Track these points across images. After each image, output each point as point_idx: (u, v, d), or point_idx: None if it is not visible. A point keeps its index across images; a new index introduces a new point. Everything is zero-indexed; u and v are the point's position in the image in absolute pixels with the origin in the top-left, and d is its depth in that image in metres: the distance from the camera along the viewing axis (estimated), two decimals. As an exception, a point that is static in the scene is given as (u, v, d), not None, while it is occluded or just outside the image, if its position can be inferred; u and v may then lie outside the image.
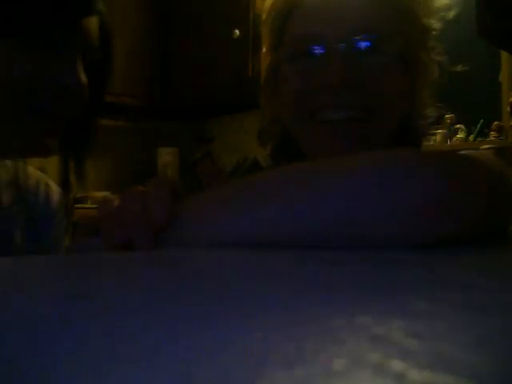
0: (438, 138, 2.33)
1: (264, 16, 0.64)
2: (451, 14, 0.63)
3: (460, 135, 2.35)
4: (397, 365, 0.10)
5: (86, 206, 2.08)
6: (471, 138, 2.32)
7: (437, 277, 0.23)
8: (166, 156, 2.71)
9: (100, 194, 2.11)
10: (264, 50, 0.65)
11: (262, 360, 0.11)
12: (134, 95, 2.50)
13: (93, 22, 0.54)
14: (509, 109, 2.21)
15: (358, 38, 0.55)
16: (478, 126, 2.30)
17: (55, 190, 0.66)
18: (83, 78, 0.53)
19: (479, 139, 2.27)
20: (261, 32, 0.66)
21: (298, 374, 0.10)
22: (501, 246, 0.37)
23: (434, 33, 0.62)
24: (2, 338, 0.13)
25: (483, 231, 0.36)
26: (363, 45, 0.56)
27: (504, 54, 2.20)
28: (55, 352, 0.12)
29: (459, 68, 0.65)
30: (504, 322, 0.14)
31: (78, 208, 1.64)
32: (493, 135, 2.25)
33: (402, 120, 0.60)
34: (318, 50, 0.57)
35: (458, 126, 2.35)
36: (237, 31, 2.33)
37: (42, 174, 0.67)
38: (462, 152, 0.44)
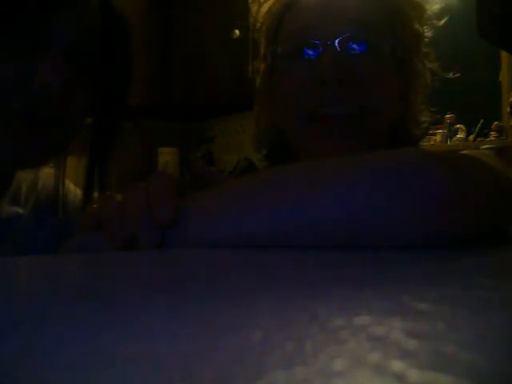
0: (438, 138, 2.33)
1: (259, 22, 0.65)
2: (442, 22, 0.63)
3: (460, 135, 2.35)
4: (397, 365, 0.10)
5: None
6: (471, 138, 2.32)
7: (437, 277, 0.23)
8: (166, 156, 2.72)
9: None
10: (261, 53, 0.65)
11: (261, 360, 0.11)
12: (133, 95, 2.49)
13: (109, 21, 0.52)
14: (509, 109, 2.21)
15: (351, 35, 0.56)
16: (478, 125, 2.30)
17: (73, 190, 0.67)
18: (64, 77, 0.49)
19: (479, 139, 2.27)
20: (253, 39, 0.66)
21: (298, 374, 0.10)
22: (501, 246, 0.37)
23: (426, 39, 0.62)
24: (3, 337, 0.13)
25: (483, 231, 0.36)
26: (357, 43, 0.57)
27: (504, 54, 2.20)
28: (55, 352, 0.12)
29: (451, 75, 0.65)
30: (504, 321, 0.14)
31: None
32: (493, 135, 2.25)
33: (395, 125, 0.61)
34: (312, 47, 0.57)
35: (458, 126, 2.35)
36: (237, 31, 2.33)
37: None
38: (462, 152, 0.44)
